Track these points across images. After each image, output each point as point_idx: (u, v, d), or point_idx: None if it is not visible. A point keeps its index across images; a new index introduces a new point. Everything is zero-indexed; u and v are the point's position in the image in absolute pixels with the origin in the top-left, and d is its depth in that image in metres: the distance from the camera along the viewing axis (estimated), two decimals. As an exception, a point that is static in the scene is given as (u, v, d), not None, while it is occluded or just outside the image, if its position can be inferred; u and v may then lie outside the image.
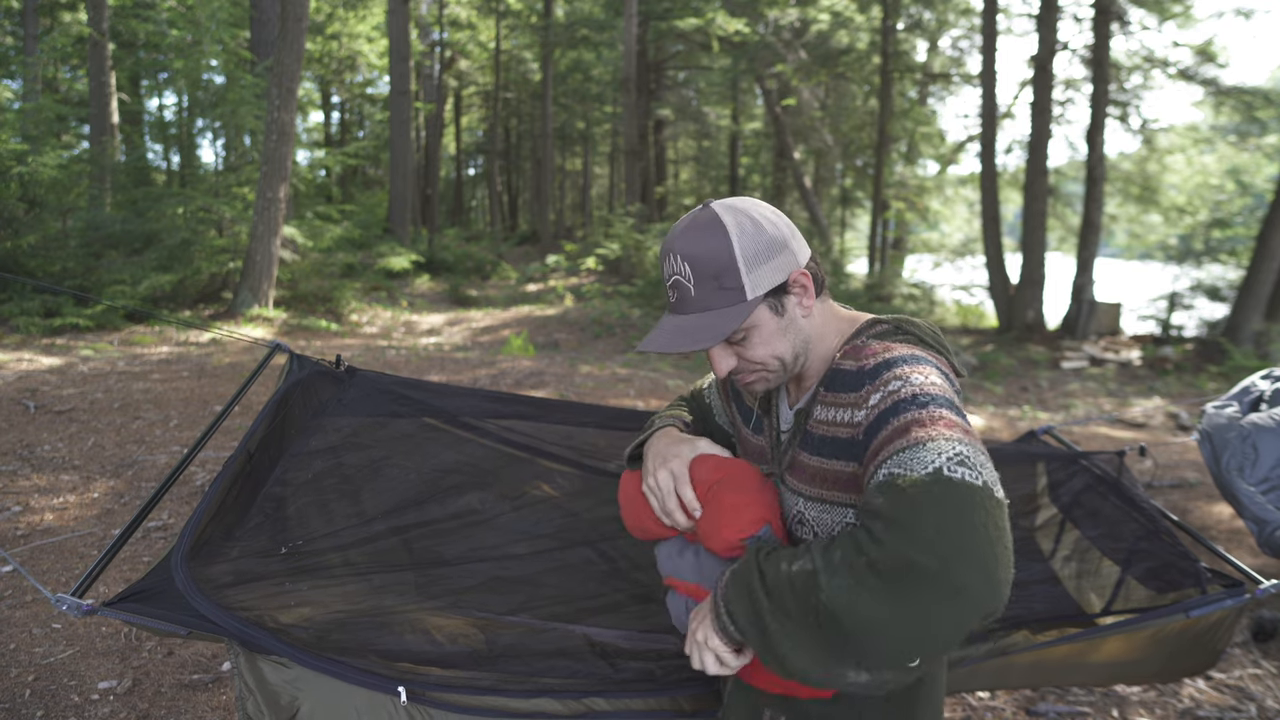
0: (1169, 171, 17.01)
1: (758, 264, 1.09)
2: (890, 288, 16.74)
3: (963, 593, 0.83)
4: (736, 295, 1.08)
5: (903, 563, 0.85)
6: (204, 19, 12.54)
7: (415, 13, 24.57)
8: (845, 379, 1.09)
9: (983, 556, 0.84)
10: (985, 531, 0.85)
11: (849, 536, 0.92)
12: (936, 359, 1.09)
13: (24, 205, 10.80)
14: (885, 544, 0.87)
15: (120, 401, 5.85)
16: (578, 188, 38.29)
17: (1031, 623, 1.83)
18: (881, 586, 0.86)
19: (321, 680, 1.36)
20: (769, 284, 1.10)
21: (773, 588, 0.97)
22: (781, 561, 0.99)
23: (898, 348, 1.08)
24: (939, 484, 0.88)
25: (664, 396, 7.01)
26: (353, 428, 1.84)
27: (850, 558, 0.90)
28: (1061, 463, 2.10)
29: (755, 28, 17.16)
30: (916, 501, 0.87)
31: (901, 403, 0.99)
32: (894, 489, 0.90)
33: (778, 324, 1.12)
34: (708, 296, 1.09)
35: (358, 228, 14.31)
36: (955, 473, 0.89)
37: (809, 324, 1.16)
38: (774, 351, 1.13)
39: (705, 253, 1.09)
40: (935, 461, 0.90)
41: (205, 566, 1.49)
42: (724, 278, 1.08)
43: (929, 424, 0.95)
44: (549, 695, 1.44)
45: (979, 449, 0.94)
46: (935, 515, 0.86)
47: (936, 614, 0.85)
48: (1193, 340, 13.12)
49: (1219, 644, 1.86)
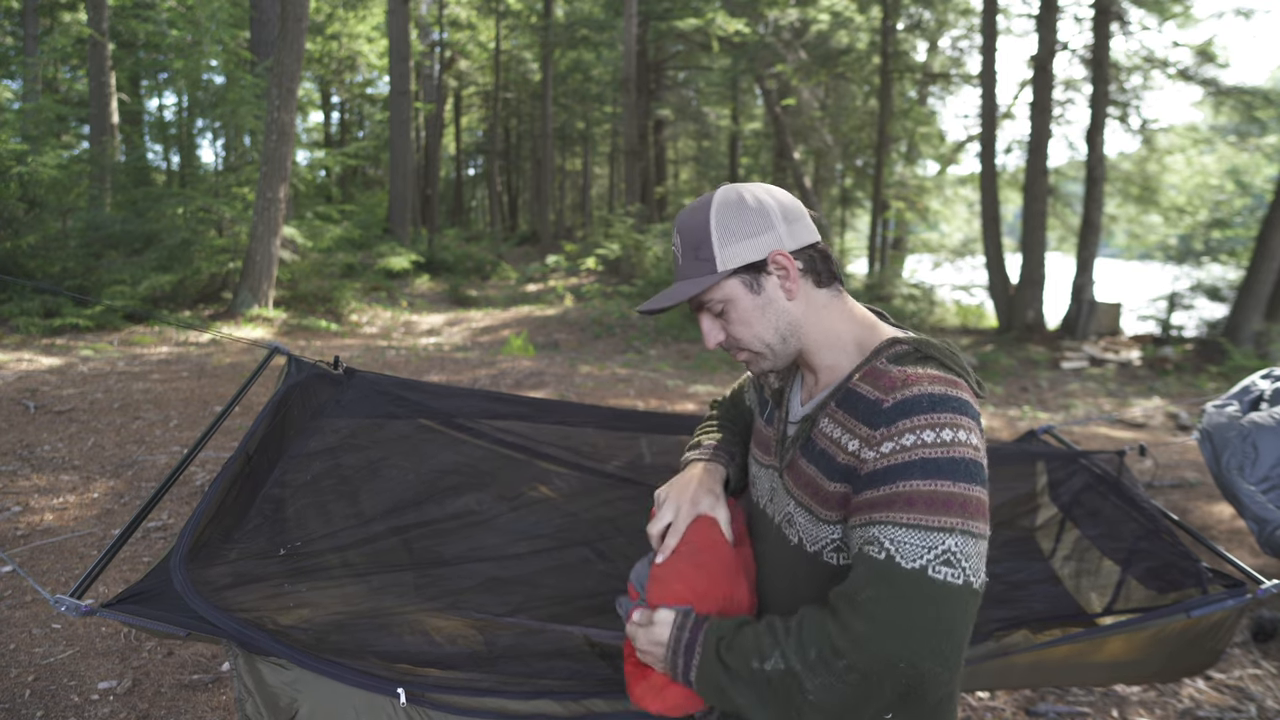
0: (1169, 171, 17.00)
1: (732, 240, 1.12)
2: (890, 288, 16.73)
3: (927, 680, 0.95)
4: (708, 266, 1.13)
5: (879, 658, 0.94)
6: (204, 19, 12.54)
7: (415, 13, 24.57)
8: (861, 407, 1.07)
9: (950, 652, 0.94)
10: (957, 630, 0.95)
11: (823, 632, 0.99)
12: (960, 389, 1.04)
13: (24, 205, 10.80)
14: (862, 644, 0.95)
15: (120, 402, 5.85)
16: (578, 188, 38.29)
17: (1031, 623, 1.82)
18: (861, 683, 0.95)
19: (320, 682, 1.36)
20: (742, 259, 1.12)
21: (748, 683, 1.03)
22: (751, 659, 1.03)
23: (920, 380, 1.03)
24: (924, 583, 0.94)
25: (664, 396, 7.01)
26: (351, 429, 1.84)
27: (829, 660, 0.97)
28: (1061, 462, 2.10)
29: (755, 28, 17.16)
30: (901, 598, 0.95)
31: (910, 466, 0.98)
32: (883, 578, 0.96)
33: (754, 302, 1.14)
34: (688, 265, 1.15)
35: (358, 228, 14.31)
36: (939, 574, 0.94)
37: (798, 310, 1.15)
38: (752, 329, 1.15)
39: (690, 226, 1.15)
40: (924, 558, 0.95)
41: (204, 568, 1.49)
42: (700, 249, 1.13)
43: (929, 504, 0.96)
44: (549, 696, 1.44)
45: (971, 533, 0.97)
46: (916, 614, 0.94)
47: (904, 699, 0.97)
48: (1193, 340, 13.12)
49: (1220, 644, 1.86)
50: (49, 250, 10.65)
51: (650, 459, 1.98)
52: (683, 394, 7.21)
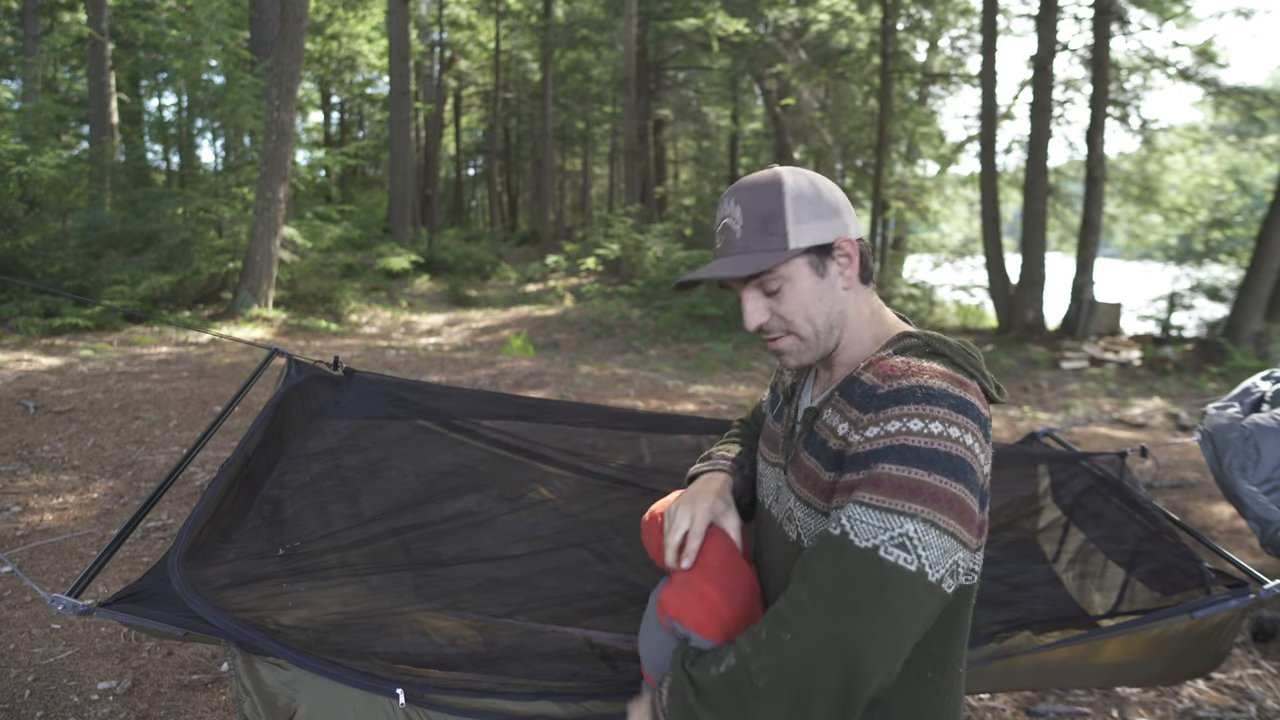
0: (1169, 171, 17.00)
1: (806, 218, 1.11)
2: (890, 288, 16.73)
3: (858, 671, 0.90)
4: (779, 241, 1.10)
5: (814, 628, 0.91)
6: (204, 19, 12.54)
7: (415, 13, 24.57)
8: (857, 392, 1.07)
9: (887, 645, 0.90)
10: (899, 620, 0.90)
11: (772, 616, 0.97)
12: (965, 388, 1.01)
13: (23, 205, 10.80)
14: (805, 610, 0.92)
15: (120, 402, 5.84)
16: (578, 188, 38.29)
17: (1034, 624, 1.82)
18: (801, 662, 0.91)
19: (319, 682, 1.35)
20: (814, 239, 1.11)
21: (708, 695, 1.00)
22: (710, 666, 1.01)
23: (921, 373, 1.02)
24: (872, 563, 0.91)
25: (664, 396, 7.00)
26: (350, 430, 1.83)
27: (775, 631, 0.94)
28: (1063, 464, 2.09)
29: (755, 28, 17.15)
30: (847, 575, 0.92)
31: (888, 451, 0.96)
32: (834, 553, 0.94)
33: (815, 284, 1.12)
34: (751, 239, 1.11)
35: (357, 228, 14.30)
36: (891, 555, 0.91)
37: (849, 300, 1.15)
38: (807, 312, 1.13)
39: (758, 199, 1.11)
40: (878, 537, 0.92)
41: (202, 568, 1.48)
42: (770, 223, 1.10)
43: (897, 488, 0.94)
44: (549, 698, 1.43)
45: (935, 524, 0.93)
46: (857, 594, 0.91)
47: (831, 684, 0.90)
48: (1193, 340, 13.11)
49: (1223, 645, 1.85)
50: (49, 250, 10.64)
51: (650, 460, 1.98)
52: (683, 394, 7.21)
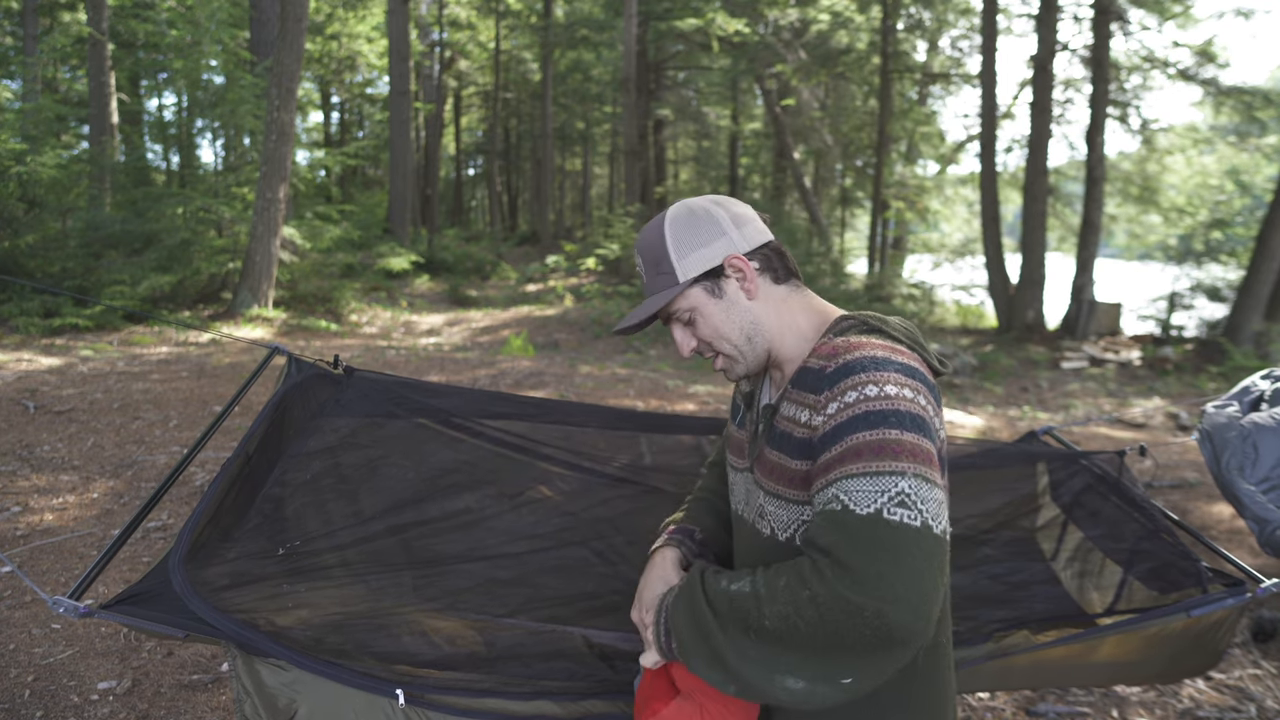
0: (1169, 172, 17.00)
1: (687, 251, 1.17)
2: (890, 288, 16.73)
3: (896, 631, 0.90)
4: (670, 279, 1.18)
5: (840, 601, 0.91)
6: (204, 19, 12.53)
7: (415, 13, 24.56)
8: (809, 379, 1.11)
9: (915, 599, 0.90)
10: (921, 574, 0.91)
11: (794, 567, 0.98)
12: (907, 357, 1.07)
13: (23, 205, 10.80)
14: (827, 581, 0.93)
15: (120, 402, 5.85)
16: (578, 188, 38.28)
17: (1032, 623, 1.82)
18: (819, 619, 0.93)
19: (319, 683, 1.35)
20: (701, 267, 1.17)
21: (714, 601, 1.04)
22: (722, 579, 1.06)
23: (862, 346, 1.06)
24: (879, 526, 0.93)
25: (664, 396, 7.01)
26: (351, 428, 1.83)
27: (794, 587, 0.96)
28: (1062, 463, 2.10)
29: (755, 28, 17.15)
30: (858, 543, 0.92)
31: (855, 420, 1.00)
32: (839, 525, 0.95)
33: (717, 306, 1.19)
34: (652, 282, 1.21)
35: (357, 228, 14.30)
36: (894, 515, 0.93)
37: (760, 308, 1.20)
38: (720, 332, 1.19)
39: (647, 245, 1.21)
40: (877, 501, 0.94)
41: (203, 568, 1.48)
42: (660, 264, 1.19)
43: (878, 451, 0.97)
44: (548, 697, 1.44)
45: (925, 477, 0.96)
46: (873, 560, 0.91)
47: (871, 649, 0.92)
48: (1193, 340, 13.11)
49: (1220, 644, 1.86)
50: (49, 250, 10.64)
51: (650, 459, 1.98)
52: (683, 394, 7.21)
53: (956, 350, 11.61)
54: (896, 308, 15.29)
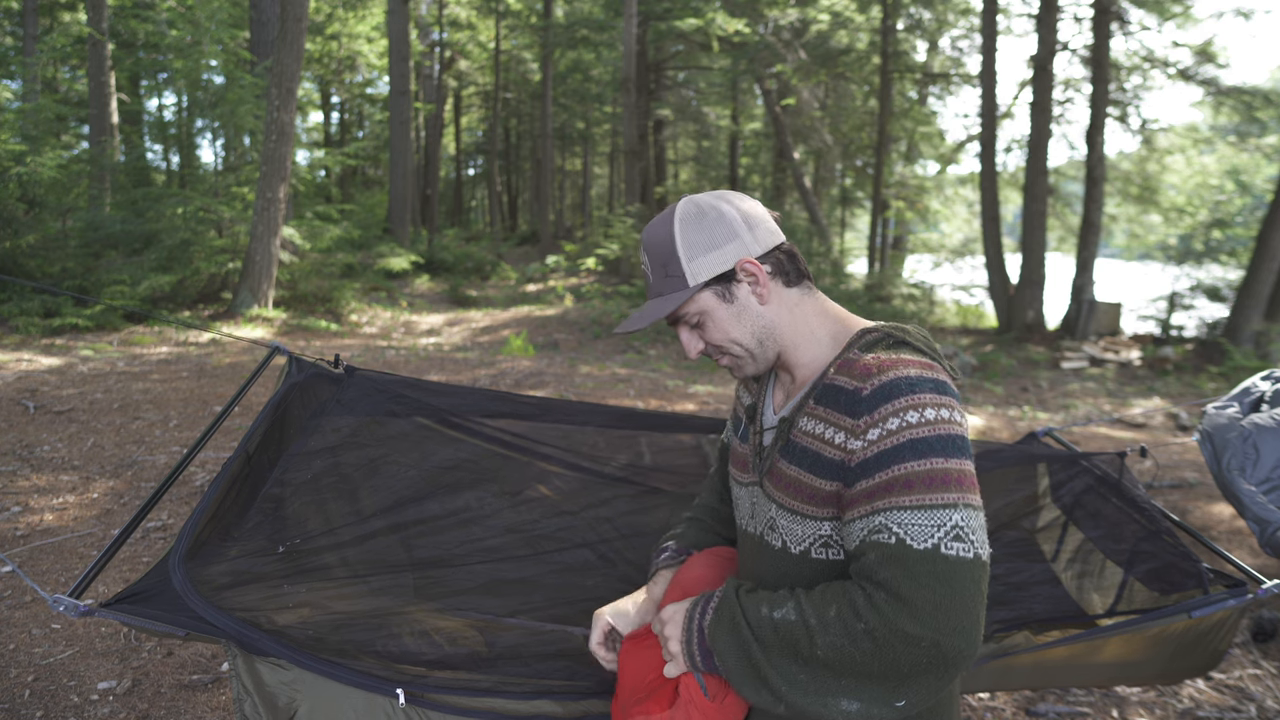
0: (1169, 171, 17.01)
1: (698, 254, 1.13)
2: (890, 288, 16.72)
3: (950, 657, 0.93)
4: (679, 282, 1.14)
5: (898, 633, 0.93)
6: (204, 19, 12.53)
7: (415, 13, 24.57)
8: (840, 398, 1.08)
9: (970, 627, 0.93)
10: (973, 604, 0.94)
11: (844, 596, 0.98)
12: (936, 371, 1.06)
13: (23, 205, 10.79)
14: (884, 614, 0.94)
15: (120, 401, 5.84)
16: (578, 188, 38.28)
17: (1032, 624, 1.82)
18: (875, 650, 0.95)
19: (319, 682, 1.35)
20: (711, 272, 1.14)
21: (756, 627, 1.03)
22: (762, 605, 1.04)
23: (896, 365, 1.05)
24: (938, 561, 0.95)
25: (664, 396, 7.01)
26: (351, 428, 1.83)
27: (848, 619, 0.97)
28: (1063, 464, 2.09)
29: (755, 28, 17.15)
30: (915, 577, 0.94)
31: (901, 449, 1.00)
32: (896, 560, 0.96)
33: (728, 310, 1.16)
34: (659, 284, 1.17)
35: (357, 228, 14.30)
36: (952, 550, 0.95)
37: (773, 312, 1.17)
38: (730, 336, 1.17)
39: (656, 244, 1.16)
40: (934, 536, 0.96)
41: (203, 567, 1.48)
42: (669, 266, 1.15)
43: (928, 483, 0.98)
44: (548, 697, 1.44)
45: (972, 505, 0.98)
46: (932, 593, 0.93)
47: (924, 674, 0.95)
48: (1193, 340, 13.11)
49: (1221, 645, 1.86)
50: (49, 250, 10.64)
51: (650, 459, 1.98)
52: (683, 394, 7.21)
53: (956, 350, 11.61)
54: (896, 308, 15.29)
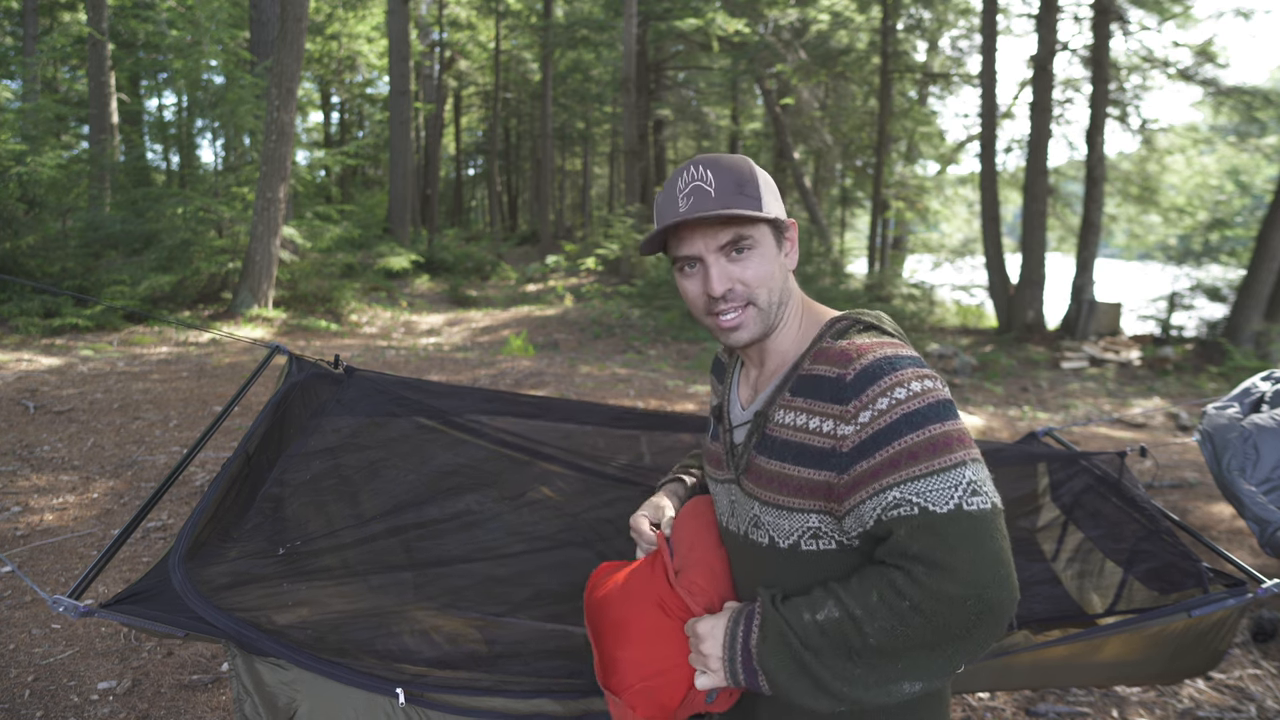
0: (1168, 172, 17.01)
1: (770, 193, 1.17)
2: (890, 288, 16.72)
3: (995, 608, 0.96)
4: (755, 204, 1.13)
5: (943, 599, 0.95)
6: (204, 19, 12.53)
7: (415, 13, 24.57)
8: (822, 387, 1.09)
9: (1005, 574, 0.96)
10: (1002, 550, 0.97)
11: (883, 577, 1.00)
12: (908, 349, 1.10)
13: (23, 206, 10.79)
14: (926, 585, 0.96)
15: (120, 402, 5.84)
16: (578, 188, 38.29)
17: (1032, 623, 1.82)
18: (925, 623, 0.97)
19: (319, 681, 1.35)
20: (778, 212, 1.17)
21: (804, 635, 1.03)
22: (803, 611, 1.05)
23: (871, 348, 1.07)
24: (964, 519, 0.97)
25: (664, 396, 7.01)
26: (351, 428, 1.83)
27: (891, 600, 0.98)
28: (1062, 463, 2.10)
29: (755, 28, 17.15)
30: (947, 540, 0.97)
31: (896, 425, 1.02)
32: (925, 528, 0.98)
33: (774, 255, 1.17)
34: (728, 198, 1.12)
35: (357, 228, 14.30)
36: (972, 505, 0.98)
37: (790, 281, 1.21)
38: (768, 280, 1.16)
39: (731, 166, 1.14)
40: (954, 497, 0.98)
41: (203, 568, 1.48)
42: (746, 187, 1.13)
43: (932, 449, 1.00)
44: (548, 696, 1.44)
45: (976, 459, 1.01)
46: (965, 551, 0.96)
47: (975, 630, 0.97)
48: (1193, 340, 13.11)
49: (1220, 644, 1.86)
50: (49, 250, 10.64)
51: (650, 459, 1.98)
52: (683, 394, 7.21)
53: (956, 350, 11.61)
54: (896, 308, 15.28)
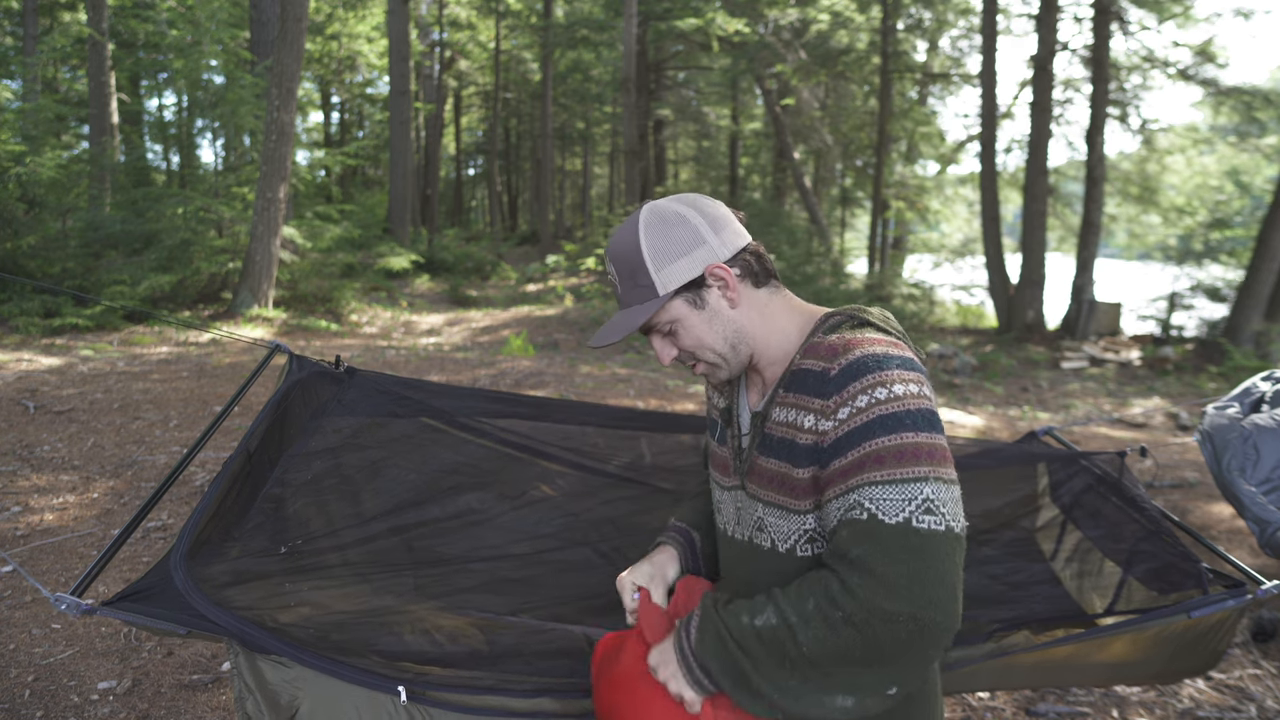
0: (1168, 172, 17.02)
1: (666, 263, 1.12)
2: (890, 288, 16.73)
3: (930, 630, 0.94)
4: (649, 292, 1.13)
5: (877, 612, 0.94)
6: (204, 19, 12.53)
7: (415, 13, 24.57)
8: (809, 381, 1.08)
9: (946, 599, 0.94)
10: (948, 576, 0.94)
11: (820, 585, 0.98)
12: (900, 348, 1.07)
13: (23, 206, 10.79)
14: (860, 597, 0.95)
15: (120, 401, 5.85)
16: (578, 188, 38.30)
17: (1032, 623, 1.82)
18: (857, 635, 0.95)
19: (321, 679, 1.35)
20: (680, 279, 1.12)
21: (741, 640, 1.03)
22: (742, 615, 1.04)
23: (860, 344, 1.05)
24: (910, 535, 0.95)
25: (664, 396, 7.01)
26: (352, 428, 1.83)
27: (826, 610, 0.97)
28: (1062, 463, 2.10)
29: (755, 28, 17.15)
30: (889, 553, 0.94)
31: (871, 425, 1.00)
32: (868, 535, 0.96)
33: (699, 316, 1.14)
34: (628, 294, 1.15)
35: (357, 228, 14.29)
36: (923, 523, 0.95)
37: (743, 315, 1.16)
38: (703, 342, 1.15)
39: (623, 254, 1.14)
40: (905, 510, 0.96)
41: (204, 566, 1.49)
42: (638, 276, 1.13)
43: (899, 457, 0.98)
44: (549, 695, 1.44)
45: (944, 479, 0.98)
46: (906, 567, 0.94)
47: (909, 650, 0.95)
48: (1193, 340, 13.12)
49: (1220, 645, 1.86)
50: (49, 250, 10.64)
51: (650, 459, 1.98)
52: (683, 394, 7.21)
53: (956, 350, 11.61)
54: (897, 308, 15.29)
